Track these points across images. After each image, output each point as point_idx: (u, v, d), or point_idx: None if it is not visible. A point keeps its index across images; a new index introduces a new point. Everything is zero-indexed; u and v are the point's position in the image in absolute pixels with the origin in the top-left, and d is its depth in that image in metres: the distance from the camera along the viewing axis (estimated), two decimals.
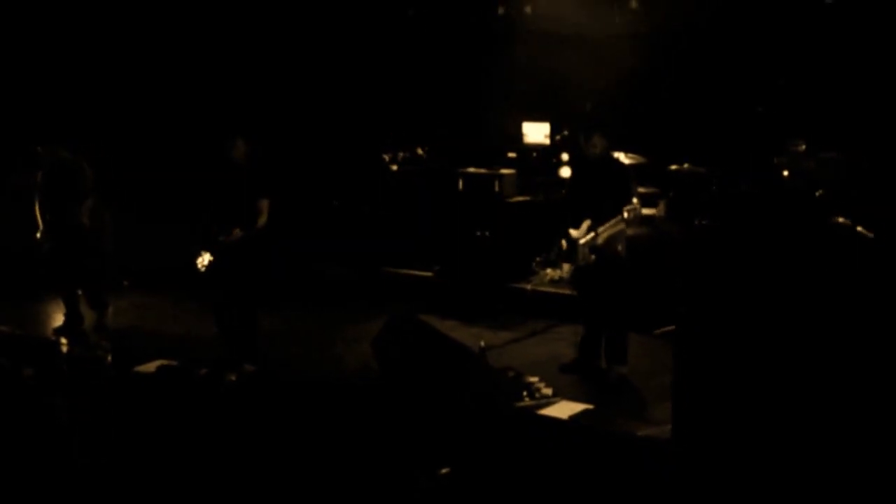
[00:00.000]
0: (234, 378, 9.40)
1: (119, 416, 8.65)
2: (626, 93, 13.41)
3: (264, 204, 9.87)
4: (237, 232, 9.65)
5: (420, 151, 14.75)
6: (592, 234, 9.44)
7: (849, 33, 12.54)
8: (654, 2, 13.85)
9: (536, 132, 14.21)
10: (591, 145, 9.63)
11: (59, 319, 11.58)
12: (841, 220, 8.97)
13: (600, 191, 9.57)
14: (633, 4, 13.94)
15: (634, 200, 9.47)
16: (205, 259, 9.81)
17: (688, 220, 11.64)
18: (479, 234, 12.70)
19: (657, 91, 13.49)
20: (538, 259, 12.87)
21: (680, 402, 6.99)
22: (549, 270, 12.52)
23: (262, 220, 9.85)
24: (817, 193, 11.36)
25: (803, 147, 11.90)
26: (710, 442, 6.66)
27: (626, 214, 9.24)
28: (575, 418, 8.68)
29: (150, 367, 9.80)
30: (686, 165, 12.38)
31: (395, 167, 14.38)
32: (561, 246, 9.81)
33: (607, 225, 9.34)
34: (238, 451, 7.70)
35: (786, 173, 11.93)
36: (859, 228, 8.84)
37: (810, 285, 6.48)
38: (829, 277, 6.46)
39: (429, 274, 13.11)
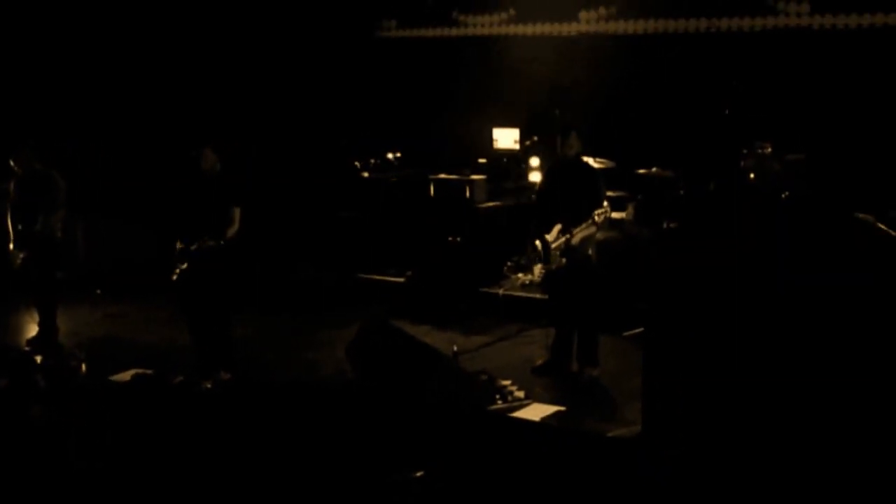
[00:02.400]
0: (209, 385, 9.45)
1: (95, 426, 8.68)
2: (595, 98, 13.52)
3: (236, 212, 9.88)
4: (207, 241, 9.67)
5: (391, 157, 14.82)
6: (564, 238, 9.54)
7: (816, 38, 12.70)
8: (619, 7, 13.99)
9: (506, 138, 14.31)
10: (568, 146, 9.76)
11: (32, 330, 11.57)
12: (861, 216, 8.98)
13: (571, 194, 9.67)
14: (600, 10, 14.08)
15: (605, 204, 9.59)
16: (178, 268, 9.83)
17: (656, 223, 11.75)
18: (450, 239, 12.77)
19: (624, 95, 13.60)
20: (509, 263, 12.95)
21: (649, 403, 7.09)
22: (520, 275, 12.58)
23: (234, 228, 9.85)
24: (783, 195, 11.47)
25: (769, 149, 12.01)
26: (678, 440, 6.75)
27: (596, 218, 9.35)
28: (547, 420, 8.77)
29: (126, 375, 9.83)
30: (654, 169, 12.48)
31: (366, 174, 14.43)
32: (532, 250, 9.91)
33: (578, 228, 9.45)
34: (215, 457, 7.75)
35: (752, 175, 12.04)
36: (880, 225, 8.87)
37: (775, 286, 6.57)
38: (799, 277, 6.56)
39: (401, 279, 13.17)
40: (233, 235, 9.85)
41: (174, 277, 9.87)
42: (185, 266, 9.79)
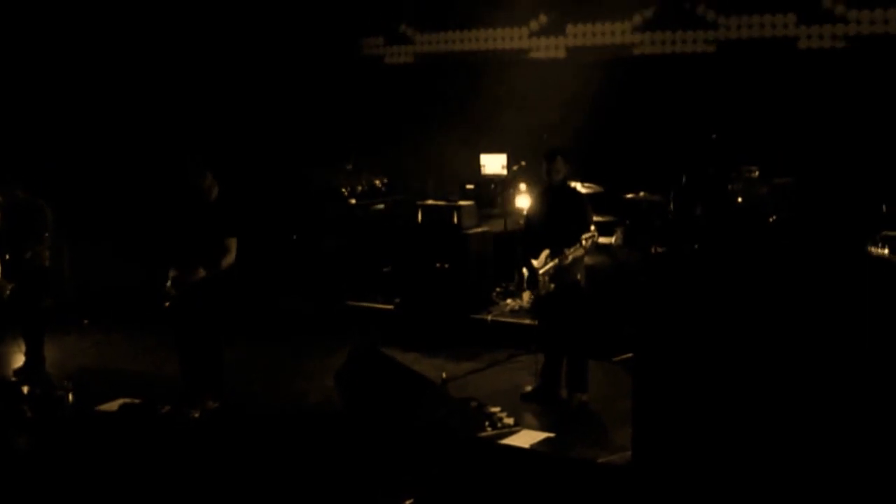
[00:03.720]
0: (197, 415, 9.39)
1: (82, 456, 8.62)
2: (582, 122, 13.54)
3: (232, 242, 9.73)
4: (201, 272, 9.56)
5: (378, 184, 14.81)
6: (552, 263, 9.53)
7: (802, 63, 12.76)
8: (607, 32, 14.04)
9: (494, 163, 14.33)
10: (555, 170, 9.75)
11: (19, 360, 11.49)
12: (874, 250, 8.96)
13: (559, 219, 9.67)
14: (585, 34, 14.16)
15: (592, 228, 9.59)
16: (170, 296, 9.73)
17: (644, 247, 11.76)
18: (438, 265, 12.75)
19: (611, 120, 13.63)
20: (498, 289, 12.97)
21: (639, 428, 7.07)
22: (509, 300, 12.61)
23: (230, 258, 9.70)
24: (771, 219, 11.49)
25: (757, 173, 12.05)
26: (669, 466, 6.72)
27: (584, 242, 9.35)
28: (537, 447, 8.73)
29: (113, 405, 9.78)
30: (641, 193, 12.50)
31: (353, 200, 14.42)
32: (520, 275, 9.91)
33: (566, 253, 9.44)
34: (203, 486, 7.70)
35: (740, 199, 12.07)
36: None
37: (768, 309, 6.57)
38: (787, 302, 6.55)
39: (389, 306, 13.15)
40: (227, 266, 9.71)
41: (167, 305, 9.76)
42: (178, 294, 9.69)
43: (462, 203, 13.25)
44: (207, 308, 9.75)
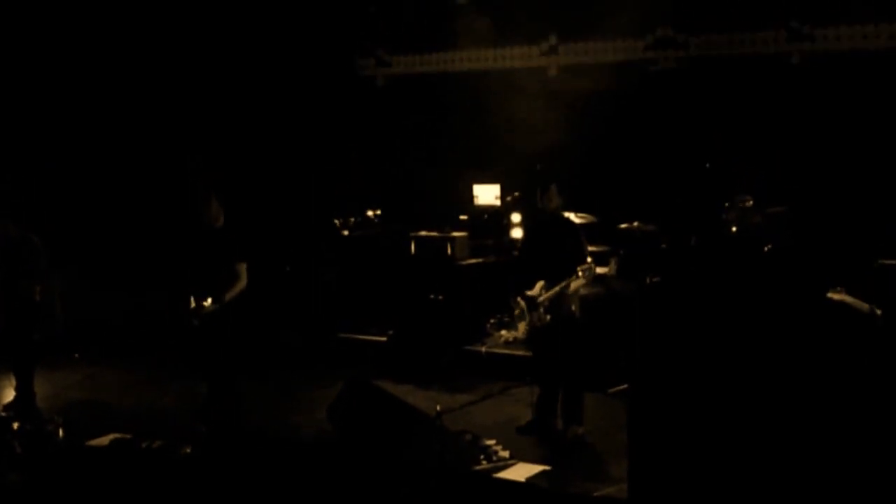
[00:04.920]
0: (188, 450, 9.32)
1: (73, 491, 8.55)
2: (575, 152, 13.53)
3: (242, 268, 9.81)
4: (217, 301, 9.58)
5: (371, 215, 14.78)
6: (547, 294, 9.50)
7: (795, 91, 12.75)
8: (598, 63, 14.05)
9: (487, 194, 14.30)
10: (548, 199, 9.74)
11: (9, 394, 11.42)
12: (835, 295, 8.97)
13: (553, 250, 9.65)
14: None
15: (589, 259, 9.55)
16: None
17: (639, 277, 11.71)
18: (432, 297, 12.71)
19: (605, 150, 13.61)
20: (492, 320, 12.92)
21: (635, 460, 7.01)
22: (503, 332, 12.56)
23: (242, 284, 9.79)
24: (765, 248, 11.46)
25: (751, 202, 12.02)
26: (665, 499, 6.67)
27: (581, 274, 9.32)
28: (533, 480, 8.66)
29: (104, 440, 9.71)
30: (635, 223, 12.47)
31: (346, 232, 14.38)
32: (515, 307, 9.87)
33: (561, 284, 9.41)
34: None
35: (734, 228, 12.04)
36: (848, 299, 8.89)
37: (761, 341, 6.53)
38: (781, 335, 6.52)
39: (383, 338, 13.09)
40: (241, 292, 9.79)
41: (185, 336, 9.81)
42: (197, 324, 9.69)
43: (455, 234, 13.24)
44: (227, 337, 9.82)
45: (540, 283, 9.58)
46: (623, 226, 12.57)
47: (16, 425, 10.22)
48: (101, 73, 14.89)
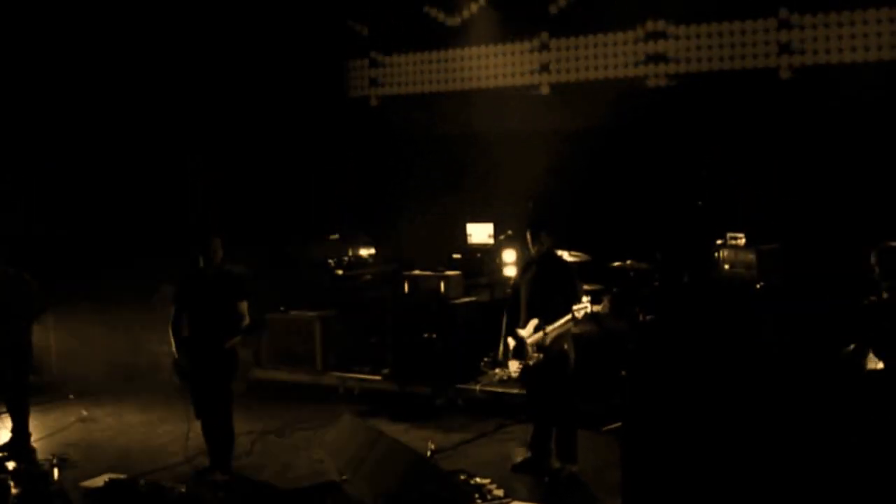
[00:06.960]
0: (183, 490, 9.32)
1: None
2: (568, 190, 13.61)
3: (244, 306, 9.86)
4: (228, 340, 9.70)
5: (364, 254, 14.82)
6: (540, 333, 9.53)
7: (789, 125, 12.83)
8: (587, 101, 14.14)
9: (480, 232, 14.34)
10: (539, 242, 9.81)
11: (5, 435, 11.40)
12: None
13: (545, 289, 9.69)
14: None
15: (585, 299, 9.58)
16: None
17: (632, 315, 11.74)
18: (426, 335, 12.73)
19: (597, 189, 13.69)
20: (486, 359, 12.94)
21: (629, 498, 7.04)
22: (497, 370, 12.57)
23: (247, 321, 9.86)
24: (758, 286, 11.51)
25: (743, 240, 12.08)
26: None
27: (576, 313, 9.35)
28: None
29: (98, 481, 9.70)
30: (628, 261, 12.52)
31: (340, 271, 14.40)
32: (505, 345, 9.90)
33: (556, 324, 9.44)
34: None
35: (727, 266, 12.10)
36: None
37: (754, 378, 6.58)
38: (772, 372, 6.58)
39: (377, 377, 13.10)
40: (246, 330, 9.87)
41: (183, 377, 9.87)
42: (196, 365, 9.73)
43: (449, 273, 13.27)
44: (225, 376, 9.87)
45: (533, 322, 9.62)
46: (616, 264, 12.62)
47: (11, 465, 10.24)
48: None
